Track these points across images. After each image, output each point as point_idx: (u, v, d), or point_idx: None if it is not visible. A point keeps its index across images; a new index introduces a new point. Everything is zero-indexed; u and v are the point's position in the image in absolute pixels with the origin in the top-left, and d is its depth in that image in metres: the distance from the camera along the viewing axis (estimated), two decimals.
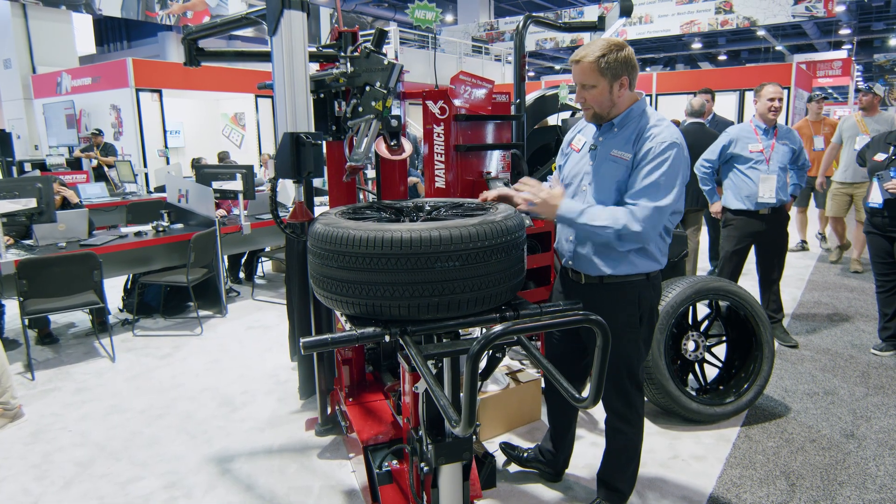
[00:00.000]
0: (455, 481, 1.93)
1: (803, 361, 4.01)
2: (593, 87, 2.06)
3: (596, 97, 2.08)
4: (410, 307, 1.68)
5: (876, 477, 2.72)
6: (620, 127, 2.12)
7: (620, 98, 2.08)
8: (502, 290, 1.78)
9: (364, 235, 1.66)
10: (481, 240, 1.68)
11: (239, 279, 6.53)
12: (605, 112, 2.11)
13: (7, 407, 3.35)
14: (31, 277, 3.96)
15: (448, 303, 1.68)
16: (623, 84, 2.05)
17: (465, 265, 1.66)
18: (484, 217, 1.78)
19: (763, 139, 4.00)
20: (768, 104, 3.96)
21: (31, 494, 2.72)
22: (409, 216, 2.09)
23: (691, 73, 16.63)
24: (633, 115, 2.11)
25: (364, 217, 2.02)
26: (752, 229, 4.10)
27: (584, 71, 2.05)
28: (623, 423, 2.33)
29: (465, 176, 2.99)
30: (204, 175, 5.67)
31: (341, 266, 1.71)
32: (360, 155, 2.37)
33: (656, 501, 2.57)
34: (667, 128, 2.05)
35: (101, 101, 10.96)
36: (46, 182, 4.72)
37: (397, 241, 1.63)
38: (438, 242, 1.63)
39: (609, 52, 2.00)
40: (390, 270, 1.64)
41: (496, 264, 1.73)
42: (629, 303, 2.18)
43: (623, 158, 2.07)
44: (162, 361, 4.26)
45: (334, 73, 2.57)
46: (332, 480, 2.77)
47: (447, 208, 2.14)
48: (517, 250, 1.82)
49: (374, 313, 1.73)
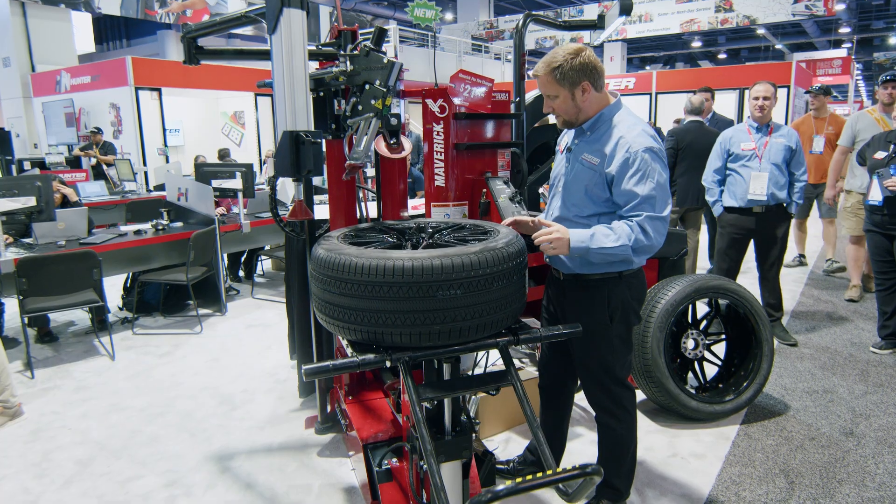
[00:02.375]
0: (455, 479, 1.93)
1: (803, 359, 4.02)
2: (556, 97, 2.10)
3: (560, 106, 2.11)
4: (412, 335, 1.68)
5: (875, 475, 2.73)
6: (592, 131, 2.15)
7: (586, 103, 2.10)
8: (504, 315, 1.79)
9: (366, 263, 1.66)
10: (483, 267, 1.68)
11: (238, 277, 6.53)
12: (574, 118, 2.14)
13: (7, 405, 3.35)
14: (30, 276, 3.96)
15: (450, 330, 1.68)
16: (585, 89, 2.06)
17: (467, 293, 1.66)
18: (486, 244, 1.77)
19: (756, 137, 4.02)
20: (753, 103, 4.01)
21: (30, 493, 2.72)
22: (412, 240, 2.08)
23: (691, 72, 16.64)
24: (604, 119, 2.13)
25: (366, 241, 2.01)
26: (744, 227, 4.10)
27: (543, 84, 2.10)
28: (611, 418, 2.33)
29: (465, 174, 2.99)
30: (203, 173, 5.67)
31: (343, 293, 1.71)
32: (359, 153, 2.37)
33: (655, 499, 2.58)
34: (640, 134, 2.05)
35: (100, 99, 10.95)
36: (46, 180, 4.72)
37: (399, 269, 1.63)
38: (440, 271, 1.63)
39: (564, 61, 2.02)
40: (392, 299, 1.64)
41: (498, 291, 1.73)
42: (599, 301, 2.19)
43: (591, 163, 2.10)
44: (162, 360, 4.26)
45: (334, 71, 2.56)
46: (331, 478, 2.77)
47: (449, 231, 2.15)
48: (519, 276, 1.82)
49: (376, 340, 1.73)
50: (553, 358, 2.50)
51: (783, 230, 4.11)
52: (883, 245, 4.06)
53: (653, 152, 2.02)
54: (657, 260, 3.56)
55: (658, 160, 2.03)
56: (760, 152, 3.98)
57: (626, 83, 14.23)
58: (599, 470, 1.59)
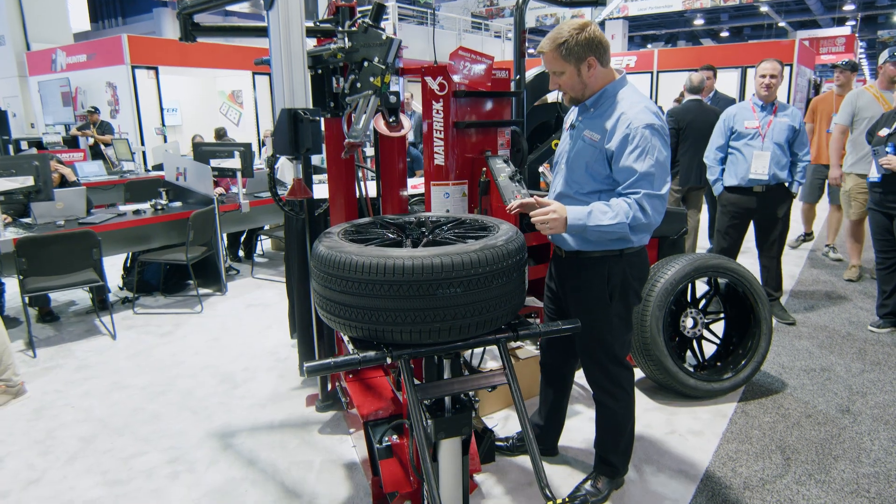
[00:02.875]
0: (455, 455, 1.95)
1: (801, 338, 4.04)
2: (562, 74, 2.08)
3: (567, 82, 2.10)
4: (412, 333, 1.69)
5: (870, 451, 2.76)
6: (595, 107, 2.14)
7: (591, 78, 2.08)
8: (504, 311, 1.79)
9: (366, 262, 1.66)
10: (483, 266, 1.68)
11: (238, 257, 6.54)
12: (580, 94, 2.13)
13: (9, 384, 3.38)
14: (30, 256, 3.96)
15: (450, 328, 1.69)
16: (591, 65, 2.05)
17: (466, 291, 1.67)
18: (485, 241, 1.77)
19: (760, 115, 3.99)
20: (760, 80, 3.96)
21: (35, 469, 2.75)
22: (412, 236, 2.08)
23: (693, 50, 16.46)
24: (607, 95, 2.11)
25: (366, 237, 2.01)
26: (745, 206, 4.08)
27: (548, 60, 2.08)
28: (608, 397, 2.35)
29: (465, 153, 2.98)
30: (202, 153, 5.64)
31: (343, 290, 1.72)
32: (358, 131, 2.35)
33: (653, 475, 2.61)
34: (642, 111, 2.03)
35: (96, 78, 10.84)
36: (43, 160, 4.70)
37: (399, 268, 1.63)
38: (440, 270, 1.63)
39: (569, 37, 2.00)
40: (392, 297, 1.65)
41: (498, 288, 1.73)
42: (599, 278, 2.20)
43: (593, 139, 2.10)
44: (162, 339, 4.28)
45: (332, 48, 2.54)
46: (332, 455, 2.80)
47: (449, 227, 2.15)
48: (518, 272, 1.82)
49: (376, 337, 1.74)
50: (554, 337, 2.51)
51: (784, 210, 4.09)
52: (883, 223, 4.06)
53: (654, 129, 2.00)
54: (657, 239, 3.56)
55: (659, 137, 2.01)
56: (764, 131, 3.95)
57: (628, 61, 14.09)
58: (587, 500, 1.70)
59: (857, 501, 2.42)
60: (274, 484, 2.60)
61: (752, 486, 2.52)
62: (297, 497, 2.51)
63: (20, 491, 2.59)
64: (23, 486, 2.63)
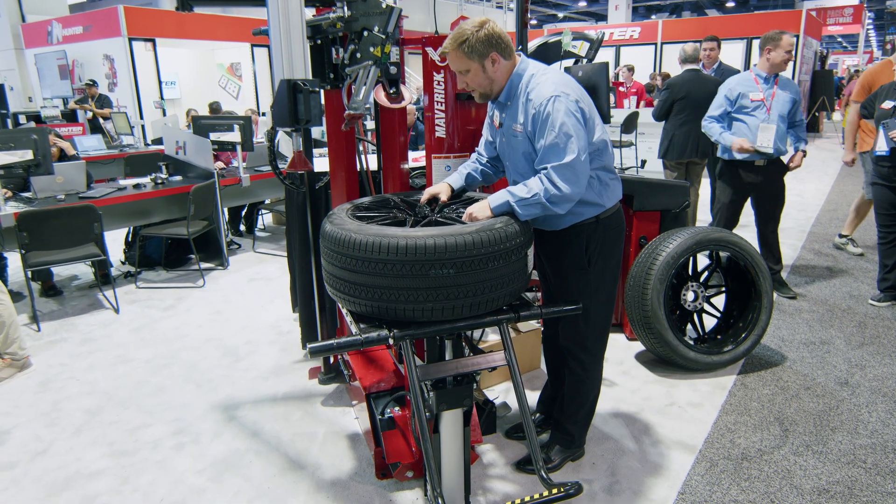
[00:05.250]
0: (456, 427, 1.97)
1: (801, 312, 4.05)
2: (468, 72, 2.08)
3: (474, 79, 2.10)
4: (406, 311, 1.72)
5: (868, 423, 2.78)
6: (509, 100, 2.14)
7: (497, 73, 2.08)
8: (502, 294, 1.79)
9: (363, 240, 1.69)
10: (477, 248, 1.69)
11: (240, 232, 6.53)
12: (489, 90, 2.13)
13: (15, 357, 3.41)
14: (31, 230, 3.96)
15: (442, 308, 1.71)
16: (495, 59, 2.05)
17: (460, 272, 1.68)
18: (484, 223, 1.78)
19: (764, 87, 3.93)
20: (786, 56, 3.88)
21: (43, 440, 2.79)
22: (418, 216, 2.07)
23: (697, 21, 16.21)
24: (514, 85, 2.11)
25: (372, 216, 2.01)
26: (747, 181, 4.05)
27: (453, 59, 2.08)
28: (577, 364, 2.38)
29: (467, 126, 2.95)
30: (201, 126, 5.60)
31: (342, 266, 1.76)
32: (358, 103, 2.33)
33: (652, 446, 2.64)
34: (543, 85, 2.02)
35: (93, 50, 10.71)
36: (42, 133, 4.66)
37: (394, 247, 1.66)
38: (433, 250, 1.64)
39: (470, 34, 2.00)
40: (386, 275, 1.68)
41: (494, 271, 1.73)
42: (577, 246, 2.22)
43: (518, 131, 2.10)
44: (165, 313, 4.30)
45: (331, 17, 2.49)
46: (335, 426, 2.84)
47: (458, 206, 2.14)
48: (517, 255, 1.81)
49: (373, 313, 1.77)
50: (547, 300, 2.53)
51: (781, 183, 4.08)
52: (887, 198, 4.04)
53: (554, 99, 1.97)
54: (659, 212, 3.55)
55: (561, 104, 1.97)
56: (769, 103, 3.90)
57: (632, 32, 13.88)
58: (581, 488, 1.76)
59: (854, 472, 2.45)
60: (278, 455, 2.64)
61: (750, 457, 2.55)
62: (300, 468, 2.55)
63: (28, 462, 2.63)
64: (30, 457, 2.67)
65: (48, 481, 2.50)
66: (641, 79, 11.72)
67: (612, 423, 2.81)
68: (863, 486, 2.37)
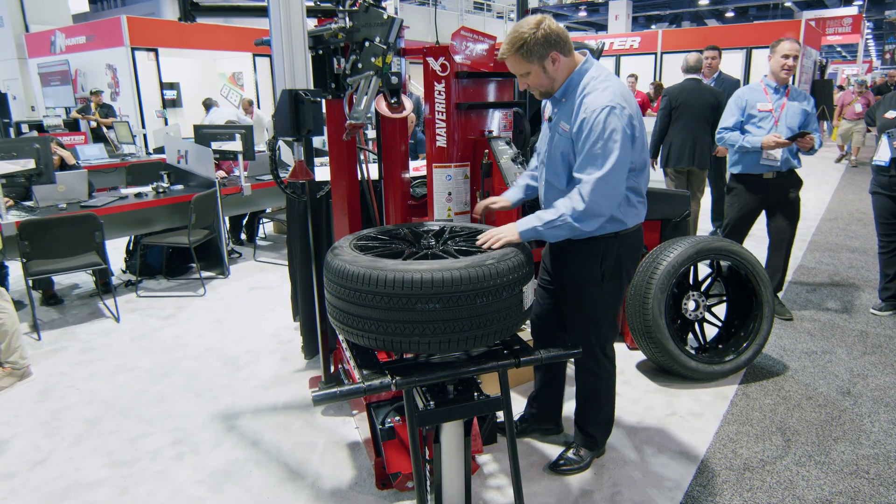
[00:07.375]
0: (457, 437, 1.97)
1: (802, 321, 4.04)
2: (528, 74, 2.08)
3: (534, 81, 2.10)
4: (394, 342, 1.72)
5: (870, 433, 2.77)
6: (565, 97, 2.13)
7: (557, 72, 2.08)
8: (493, 331, 1.76)
9: (355, 271, 1.71)
10: (465, 283, 1.67)
11: (241, 240, 6.54)
12: (549, 89, 2.13)
13: (16, 366, 3.40)
14: (32, 239, 3.96)
15: (429, 343, 1.70)
16: (555, 59, 2.04)
17: (447, 307, 1.66)
18: (476, 258, 1.74)
19: (773, 98, 3.80)
20: (782, 62, 3.73)
21: (42, 450, 2.77)
22: (419, 246, 2.07)
23: (697, 31, 16.29)
24: (573, 84, 2.10)
25: (374, 248, 2.00)
26: (756, 195, 3.89)
27: (512, 64, 2.08)
28: (590, 374, 2.41)
29: (467, 135, 2.95)
30: (203, 136, 5.62)
31: (337, 296, 1.78)
32: (359, 112, 2.33)
33: (654, 457, 2.63)
34: (602, 92, 2.01)
35: (96, 60, 10.77)
36: (44, 142, 4.68)
37: (381, 280, 1.66)
38: (419, 284, 1.64)
39: (528, 37, 1.99)
40: (375, 307, 1.69)
41: (483, 307, 1.71)
42: (593, 258, 2.21)
43: (565, 130, 2.10)
44: (166, 322, 4.29)
45: (333, 28, 2.50)
46: (335, 436, 2.82)
47: (462, 238, 2.13)
48: (509, 292, 1.76)
49: (367, 344, 1.78)
50: (544, 311, 2.52)
51: (795, 195, 3.91)
52: (888, 207, 4.03)
53: (609, 110, 1.96)
54: (659, 221, 3.55)
55: (615, 117, 1.96)
56: (777, 114, 3.77)
57: (632, 42, 13.95)
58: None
59: (856, 482, 2.44)
60: (277, 465, 2.63)
61: (752, 468, 2.54)
62: (300, 478, 2.54)
63: (27, 472, 2.62)
64: (29, 466, 2.66)
65: (47, 491, 2.49)
66: (643, 88, 11.76)
67: (614, 433, 2.79)
68: (866, 496, 2.36)
